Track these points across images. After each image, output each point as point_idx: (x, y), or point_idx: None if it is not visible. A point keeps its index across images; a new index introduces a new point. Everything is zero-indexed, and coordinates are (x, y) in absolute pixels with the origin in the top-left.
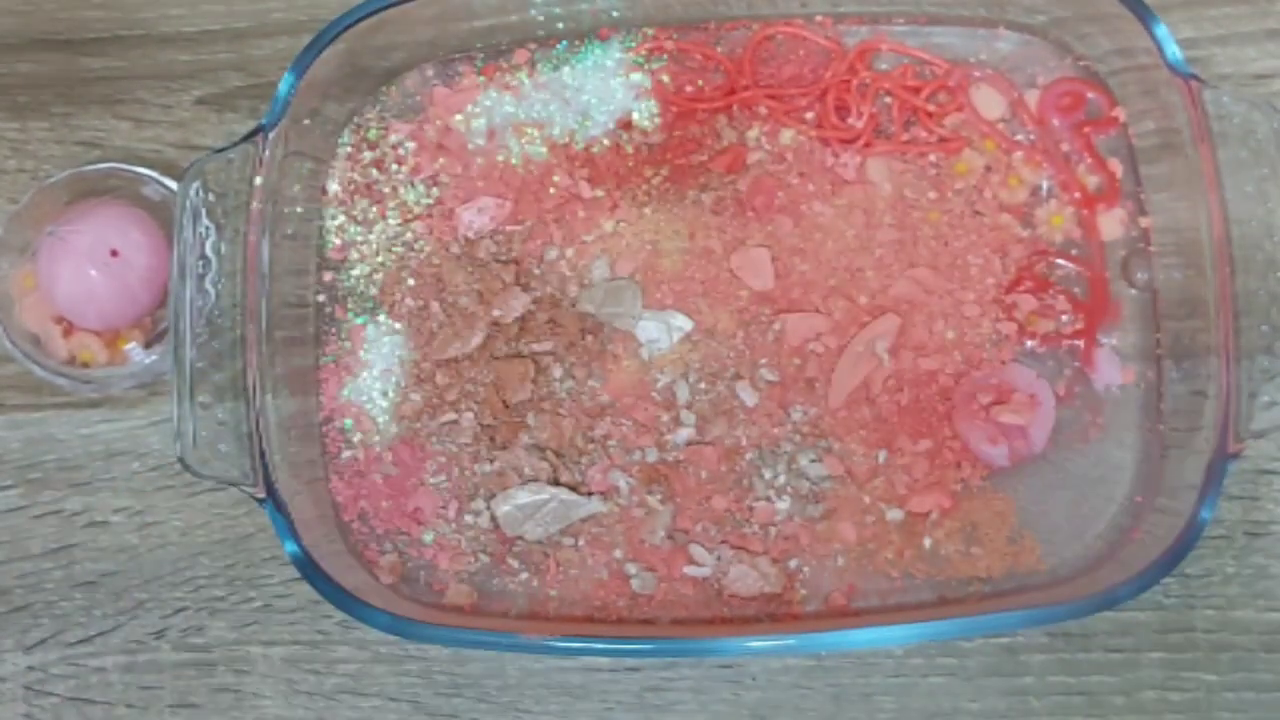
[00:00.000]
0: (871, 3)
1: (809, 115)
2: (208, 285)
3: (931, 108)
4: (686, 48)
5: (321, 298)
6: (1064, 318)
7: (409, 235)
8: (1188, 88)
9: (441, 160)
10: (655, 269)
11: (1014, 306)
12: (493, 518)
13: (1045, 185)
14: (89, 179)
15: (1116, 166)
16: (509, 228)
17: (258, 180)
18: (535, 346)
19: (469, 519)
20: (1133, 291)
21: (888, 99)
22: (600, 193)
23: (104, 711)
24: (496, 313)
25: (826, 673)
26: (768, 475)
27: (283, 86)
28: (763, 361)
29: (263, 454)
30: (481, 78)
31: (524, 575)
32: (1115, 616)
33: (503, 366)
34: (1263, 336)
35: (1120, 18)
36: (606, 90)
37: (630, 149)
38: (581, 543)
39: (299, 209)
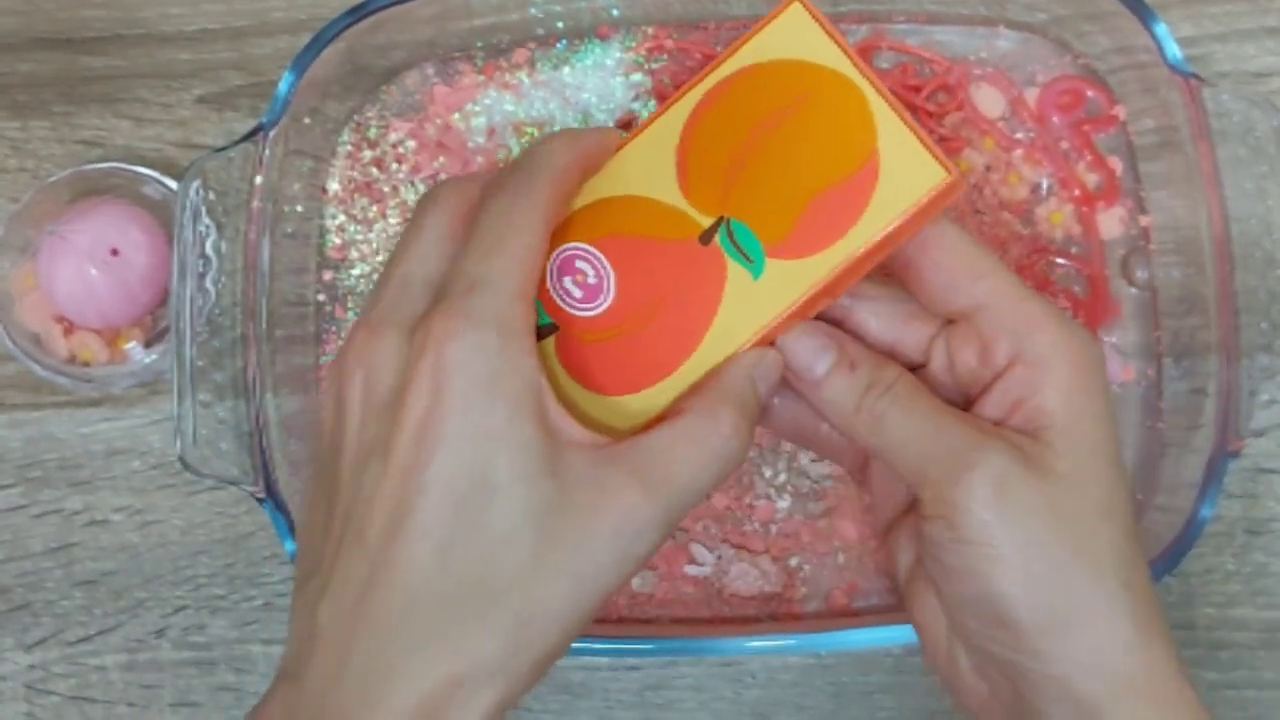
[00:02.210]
0: (872, 1)
1: None
2: (208, 284)
3: (931, 107)
4: (686, 47)
5: (321, 297)
6: None
7: None
8: (1187, 86)
9: (441, 159)
10: None
11: None
12: None
13: (1045, 183)
14: (89, 178)
15: (1116, 164)
16: None
17: (258, 179)
18: None
19: None
20: (1132, 290)
21: None
22: None
23: (104, 710)
24: None
25: (827, 671)
26: (768, 473)
27: (283, 85)
28: None
29: (263, 453)
30: (481, 76)
31: None
32: None
33: None
34: (1262, 334)
35: (1120, 16)
36: (606, 89)
37: None
38: None
39: (299, 208)
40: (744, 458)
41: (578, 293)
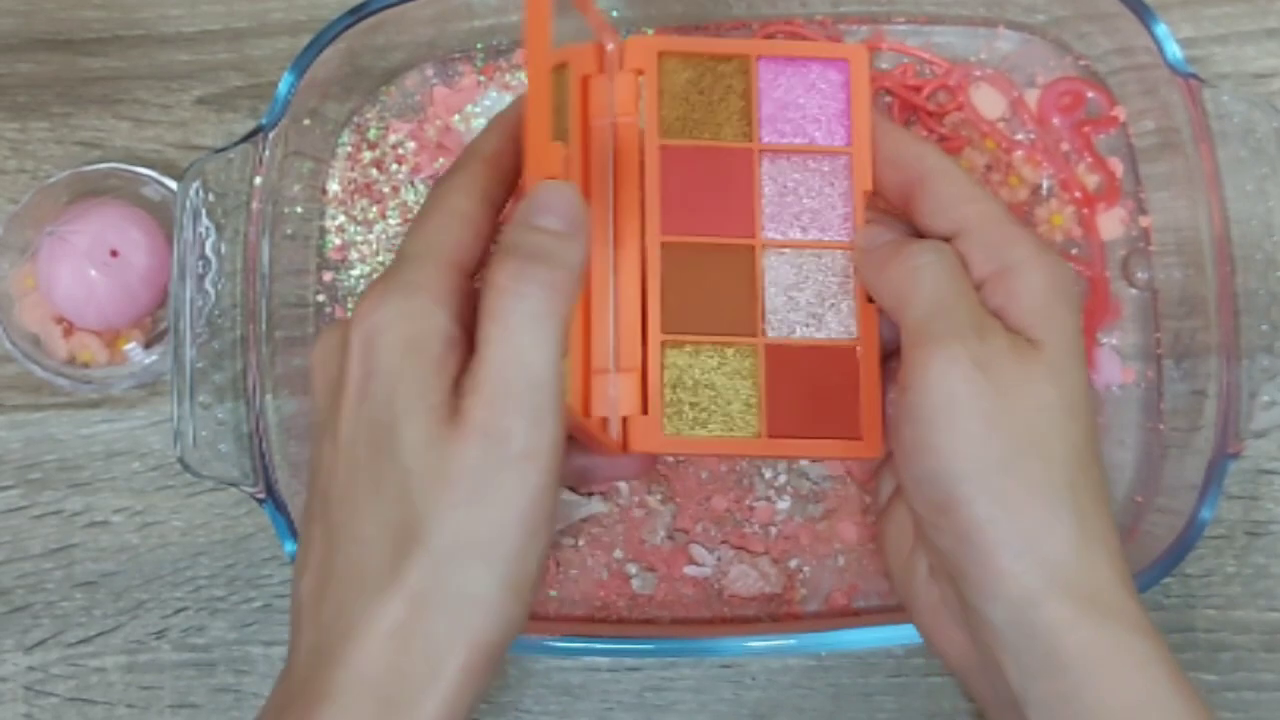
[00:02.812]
0: (872, 2)
1: None
2: (208, 285)
3: (932, 107)
4: None
5: (321, 298)
6: None
7: None
8: (1187, 87)
9: (441, 160)
10: None
11: None
12: None
13: (1045, 184)
14: (89, 179)
15: (1116, 166)
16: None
17: (258, 180)
18: None
19: None
20: (1133, 291)
21: (888, 98)
22: None
23: (104, 711)
24: None
25: (827, 672)
26: (768, 475)
27: (282, 86)
28: None
29: (263, 454)
30: (481, 77)
31: None
32: None
33: None
34: (1263, 336)
35: (1120, 17)
36: None
37: None
38: (581, 543)
39: (299, 209)
40: (564, 296)
41: None
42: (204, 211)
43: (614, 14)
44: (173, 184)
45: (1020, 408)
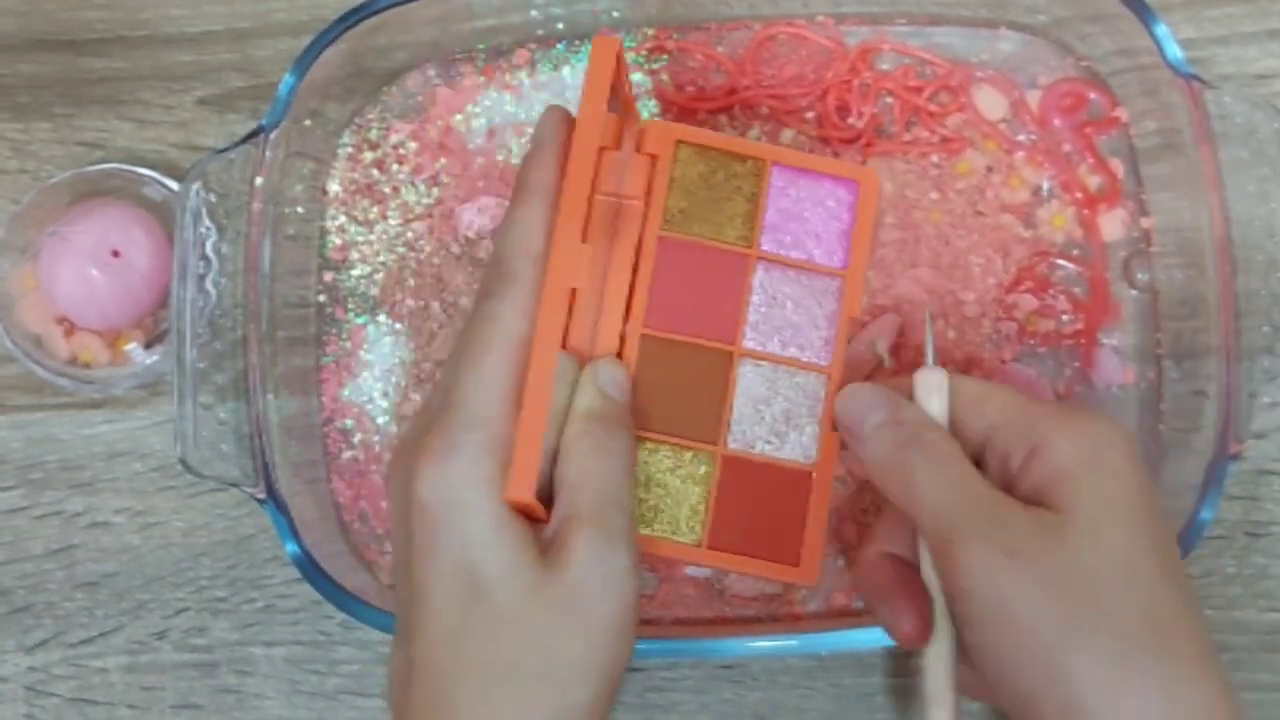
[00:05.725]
0: (873, 3)
1: (810, 115)
2: (209, 285)
3: (933, 108)
4: (688, 48)
5: (322, 298)
6: (1065, 318)
7: (410, 235)
8: (1189, 88)
9: (442, 160)
10: None
11: (1015, 306)
12: None
13: (1046, 185)
14: (91, 179)
15: (1118, 167)
16: None
17: (259, 181)
18: None
19: None
20: (1133, 292)
21: (889, 99)
22: None
23: (105, 712)
24: None
25: (828, 673)
26: None
27: (284, 87)
28: None
29: (264, 454)
30: (482, 78)
31: None
32: None
33: None
34: (1263, 337)
35: (1121, 18)
36: None
37: None
38: None
39: (300, 209)
40: (630, 443)
41: None
42: (205, 212)
43: (614, 14)
44: (174, 184)
45: (1069, 584)
